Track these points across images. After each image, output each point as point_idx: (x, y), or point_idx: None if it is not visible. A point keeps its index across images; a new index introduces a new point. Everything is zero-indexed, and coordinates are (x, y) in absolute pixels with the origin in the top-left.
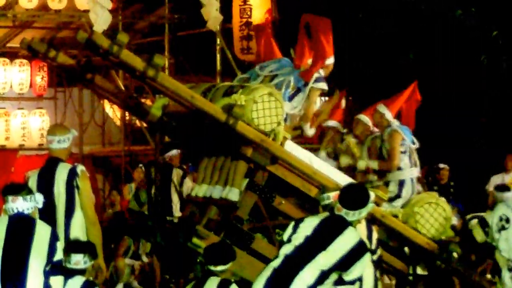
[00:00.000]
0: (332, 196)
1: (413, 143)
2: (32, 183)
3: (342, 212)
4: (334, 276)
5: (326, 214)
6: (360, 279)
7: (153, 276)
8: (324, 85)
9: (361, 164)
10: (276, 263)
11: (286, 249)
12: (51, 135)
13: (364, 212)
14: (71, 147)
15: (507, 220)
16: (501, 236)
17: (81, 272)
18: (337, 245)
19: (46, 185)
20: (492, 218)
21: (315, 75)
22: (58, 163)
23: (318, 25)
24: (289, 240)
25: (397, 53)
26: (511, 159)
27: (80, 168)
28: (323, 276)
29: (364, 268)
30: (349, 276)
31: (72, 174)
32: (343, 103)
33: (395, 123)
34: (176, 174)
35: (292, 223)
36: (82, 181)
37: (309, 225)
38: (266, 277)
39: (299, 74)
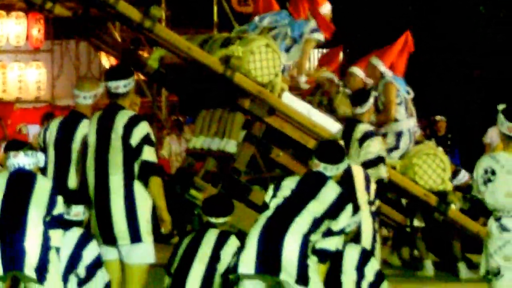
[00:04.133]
0: None
1: (408, 93)
2: (51, 135)
3: (320, 167)
4: (324, 225)
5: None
6: (344, 231)
7: None
8: (319, 35)
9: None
10: (268, 213)
11: (276, 202)
12: (77, 90)
13: (341, 167)
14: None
15: (493, 172)
16: (487, 189)
17: (79, 223)
18: (323, 194)
19: (65, 139)
20: (477, 171)
21: (310, 25)
22: (81, 118)
23: None
24: (274, 196)
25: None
26: None
27: None
28: (316, 223)
29: (349, 219)
30: (336, 226)
31: None
32: (341, 55)
33: (389, 74)
34: None
35: (272, 184)
36: None
37: (291, 181)
38: (261, 226)
39: (297, 25)
